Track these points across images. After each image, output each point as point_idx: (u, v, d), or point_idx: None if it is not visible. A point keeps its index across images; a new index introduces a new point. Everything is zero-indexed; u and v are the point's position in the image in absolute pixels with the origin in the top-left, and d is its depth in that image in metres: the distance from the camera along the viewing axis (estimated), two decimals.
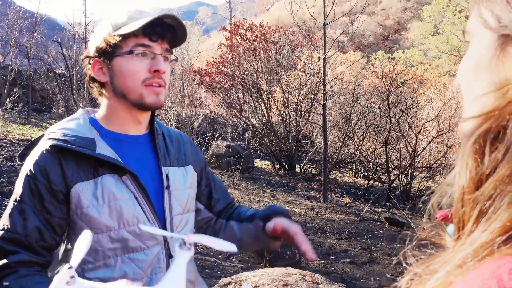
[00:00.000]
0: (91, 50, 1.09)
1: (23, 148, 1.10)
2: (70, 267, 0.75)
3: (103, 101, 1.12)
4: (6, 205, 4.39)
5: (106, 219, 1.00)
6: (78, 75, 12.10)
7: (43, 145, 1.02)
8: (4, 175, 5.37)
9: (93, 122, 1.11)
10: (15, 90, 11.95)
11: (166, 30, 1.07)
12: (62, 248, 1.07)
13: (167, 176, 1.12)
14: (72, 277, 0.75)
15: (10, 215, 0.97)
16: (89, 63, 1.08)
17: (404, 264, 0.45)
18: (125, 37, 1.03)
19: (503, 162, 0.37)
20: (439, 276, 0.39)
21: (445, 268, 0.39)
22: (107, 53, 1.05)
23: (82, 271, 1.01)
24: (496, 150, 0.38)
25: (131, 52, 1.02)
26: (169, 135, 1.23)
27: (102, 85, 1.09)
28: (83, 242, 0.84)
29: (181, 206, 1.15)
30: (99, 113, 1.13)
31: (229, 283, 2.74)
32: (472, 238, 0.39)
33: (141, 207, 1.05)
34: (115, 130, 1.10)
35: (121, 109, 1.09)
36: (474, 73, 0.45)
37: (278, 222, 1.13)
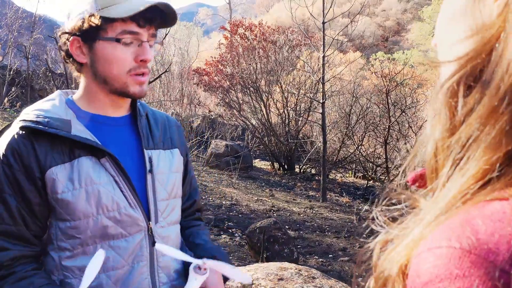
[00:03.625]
0: (69, 24, 1.00)
1: None
2: None
3: (81, 82, 1.05)
4: None
5: (83, 204, 0.95)
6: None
7: (14, 128, 0.96)
8: None
9: (70, 104, 1.04)
10: (13, 89, 11.93)
11: (156, 15, 0.99)
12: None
13: (150, 159, 1.07)
14: None
15: None
16: (67, 40, 1.00)
17: (372, 226, 0.42)
18: (111, 20, 0.95)
19: (480, 103, 0.35)
20: (413, 234, 0.36)
21: (418, 225, 0.36)
22: (89, 34, 0.97)
23: (59, 259, 0.97)
24: (472, 92, 0.36)
25: (117, 40, 0.95)
26: (154, 117, 1.17)
27: (80, 64, 1.02)
28: (95, 264, 0.83)
29: (166, 191, 1.09)
30: (77, 94, 1.07)
31: None
32: (446, 189, 0.36)
33: (122, 191, 0.99)
34: (93, 112, 1.04)
35: (101, 93, 1.04)
36: (450, 23, 0.43)
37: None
